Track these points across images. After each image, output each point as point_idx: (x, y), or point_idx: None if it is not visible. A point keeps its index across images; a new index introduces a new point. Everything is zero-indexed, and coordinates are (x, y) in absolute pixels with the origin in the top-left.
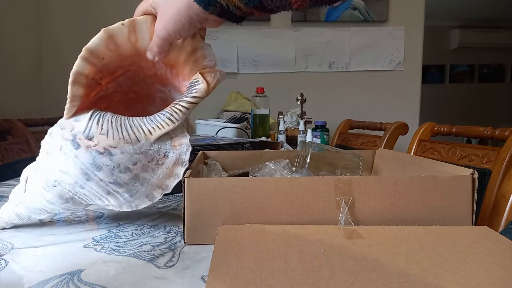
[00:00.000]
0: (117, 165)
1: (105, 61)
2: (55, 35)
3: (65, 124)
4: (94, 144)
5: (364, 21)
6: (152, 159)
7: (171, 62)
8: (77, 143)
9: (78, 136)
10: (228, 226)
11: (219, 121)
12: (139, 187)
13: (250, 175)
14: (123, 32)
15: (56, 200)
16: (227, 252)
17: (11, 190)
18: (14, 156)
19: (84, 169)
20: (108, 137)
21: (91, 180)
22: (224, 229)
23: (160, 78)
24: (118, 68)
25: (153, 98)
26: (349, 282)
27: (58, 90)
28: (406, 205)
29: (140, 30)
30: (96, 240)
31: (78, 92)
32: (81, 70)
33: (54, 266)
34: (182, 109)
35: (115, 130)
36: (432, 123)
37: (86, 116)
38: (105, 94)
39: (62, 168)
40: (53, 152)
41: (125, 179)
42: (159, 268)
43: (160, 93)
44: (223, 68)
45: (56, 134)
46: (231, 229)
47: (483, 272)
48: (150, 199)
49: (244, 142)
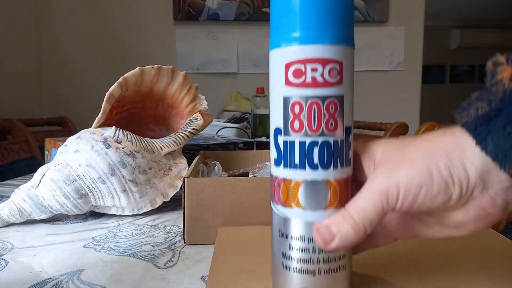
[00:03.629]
0: (138, 166)
1: (127, 93)
2: (55, 35)
3: (94, 130)
4: (123, 147)
5: (364, 21)
6: (161, 168)
7: (175, 104)
8: (108, 144)
9: (109, 139)
10: (227, 228)
11: (219, 121)
12: (149, 190)
13: (250, 175)
14: (151, 73)
15: (72, 194)
16: (226, 254)
17: (11, 190)
18: (14, 156)
19: (112, 165)
20: (132, 144)
21: (114, 175)
22: (224, 231)
23: (156, 118)
24: (129, 103)
25: (143, 135)
26: None
27: (58, 90)
28: None
29: (162, 73)
30: (96, 240)
31: (107, 109)
32: (114, 92)
33: (54, 266)
34: (184, 136)
35: (137, 141)
36: (433, 123)
37: (112, 128)
38: (108, 123)
39: (90, 163)
40: (83, 150)
41: (141, 179)
42: (159, 268)
43: (150, 131)
44: (223, 68)
45: (86, 137)
46: (231, 230)
47: (484, 272)
48: (152, 204)
49: (237, 142)
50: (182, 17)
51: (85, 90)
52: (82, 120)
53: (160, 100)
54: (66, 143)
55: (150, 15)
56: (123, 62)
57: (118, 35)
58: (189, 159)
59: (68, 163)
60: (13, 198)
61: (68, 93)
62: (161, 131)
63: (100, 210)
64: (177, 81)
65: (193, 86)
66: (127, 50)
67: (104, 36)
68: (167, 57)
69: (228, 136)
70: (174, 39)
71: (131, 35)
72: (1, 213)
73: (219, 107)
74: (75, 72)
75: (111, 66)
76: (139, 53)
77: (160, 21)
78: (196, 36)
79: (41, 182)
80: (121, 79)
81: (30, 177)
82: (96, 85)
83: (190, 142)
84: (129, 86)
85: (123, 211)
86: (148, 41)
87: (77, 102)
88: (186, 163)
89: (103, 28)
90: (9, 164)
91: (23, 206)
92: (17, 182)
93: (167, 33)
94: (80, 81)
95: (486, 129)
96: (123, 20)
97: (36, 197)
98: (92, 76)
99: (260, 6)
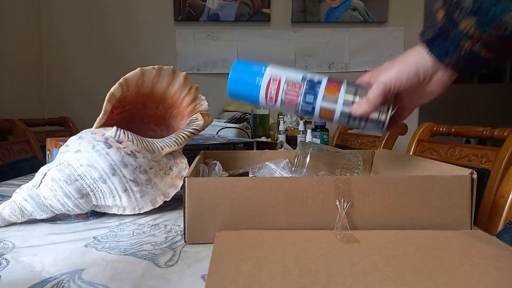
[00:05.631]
0: (139, 166)
1: (128, 93)
2: (56, 35)
3: (95, 131)
4: (124, 147)
5: (363, 22)
6: (162, 168)
7: (176, 104)
8: (109, 144)
9: (110, 139)
10: (225, 232)
11: (219, 121)
12: (150, 189)
13: (250, 175)
14: (152, 74)
15: (74, 194)
16: (225, 257)
17: (12, 190)
18: (15, 156)
19: (113, 165)
20: (133, 144)
21: (116, 175)
22: (222, 235)
23: (157, 118)
24: (129, 103)
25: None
26: (346, 285)
27: (59, 90)
28: (405, 205)
29: (163, 74)
30: (97, 239)
31: (108, 109)
32: (115, 93)
33: (55, 265)
34: (185, 136)
35: (138, 141)
36: (431, 123)
37: (113, 128)
38: (109, 124)
39: (91, 163)
40: (85, 150)
41: (142, 179)
42: (160, 267)
43: (150, 132)
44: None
45: (87, 137)
46: (228, 235)
47: (477, 274)
48: (153, 204)
49: (237, 142)
50: (182, 17)
51: (86, 91)
52: (83, 120)
53: (160, 100)
54: (68, 143)
55: (151, 15)
56: (124, 62)
57: (118, 35)
58: (190, 159)
59: (70, 163)
60: (14, 198)
61: (69, 93)
62: (162, 131)
63: (101, 210)
64: (177, 82)
65: (193, 87)
66: (128, 50)
67: (105, 36)
68: (168, 57)
69: (229, 136)
70: (175, 39)
71: (132, 36)
72: (2, 213)
73: (220, 107)
74: (76, 72)
75: (112, 66)
76: (139, 54)
77: (160, 21)
78: (197, 37)
79: (42, 181)
80: (122, 79)
81: (31, 177)
82: (97, 86)
83: (190, 142)
84: (130, 86)
85: (124, 211)
86: (148, 42)
87: (78, 103)
88: (187, 163)
89: (104, 29)
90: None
91: (25, 205)
92: (18, 182)
93: (167, 33)
94: (81, 81)
95: (432, 44)
96: (124, 21)
97: (38, 197)
98: (93, 76)
99: (260, 7)
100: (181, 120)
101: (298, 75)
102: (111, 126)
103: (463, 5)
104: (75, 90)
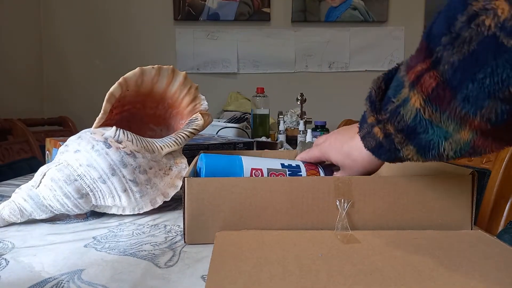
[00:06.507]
0: (138, 166)
1: (128, 93)
2: (55, 35)
3: (95, 130)
4: (123, 147)
5: (364, 21)
6: (161, 168)
7: (176, 104)
8: (109, 143)
9: (109, 139)
10: (225, 232)
11: (219, 121)
12: (149, 189)
13: None
14: (151, 73)
15: (73, 194)
16: (225, 258)
17: (11, 190)
18: (14, 156)
19: (112, 165)
20: (133, 144)
21: (115, 175)
22: (222, 235)
23: (157, 118)
24: (129, 103)
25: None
26: (347, 286)
27: (59, 90)
28: (406, 204)
29: (163, 74)
30: (97, 240)
31: (108, 109)
32: (114, 92)
33: (55, 265)
34: (185, 136)
35: (138, 141)
36: None
37: (113, 128)
38: (109, 123)
39: (90, 163)
40: (84, 150)
41: (141, 179)
42: (160, 268)
43: (150, 131)
44: (223, 68)
45: (86, 137)
46: (229, 235)
47: (478, 275)
48: (153, 204)
49: (237, 142)
50: (182, 17)
51: (85, 90)
52: (83, 120)
53: (160, 100)
54: (67, 143)
55: (150, 15)
56: (123, 62)
57: (118, 35)
58: (190, 159)
59: (69, 163)
60: (13, 198)
61: (68, 93)
62: (162, 131)
63: (100, 210)
64: (177, 81)
65: (193, 86)
66: (127, 50)
67: (104, 36)
68: (167, 57)
69: (228, 136)
70: (174, 39)
71: (131, 35)
72: (2, 213)
73: (219, 107)
74: (75, 72)
75: (111, 66)
76: (139, 53)
77: (160, 21)
78: (196, 36)
79: (41, 181)
80: (122, 79)
81: (30, 177)
82: (97, 85)
83: (190, 142)
84: (130, 86)
85: (124, 211)
86: (148, 41)
87: (77, 102)
88: (187, 162)
89: (104, 28)
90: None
91: (24, 205)
92: (17, 182)
93: (167, 33)
94: (80, 81)
95: (378, 153)
96: (123, 20)
97: (37, 197)
98: (93, 76)
99: (260, 6)
100: (181, 120)
101: (276, 163)
102: (110, 126)
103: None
104: (74, 90)
